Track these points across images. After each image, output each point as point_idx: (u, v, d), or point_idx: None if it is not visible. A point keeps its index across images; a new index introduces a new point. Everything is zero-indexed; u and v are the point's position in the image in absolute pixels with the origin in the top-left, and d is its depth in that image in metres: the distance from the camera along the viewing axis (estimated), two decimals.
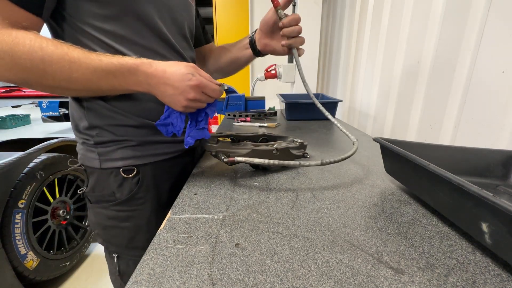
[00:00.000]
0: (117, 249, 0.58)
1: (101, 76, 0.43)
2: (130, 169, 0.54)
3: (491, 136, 0.63)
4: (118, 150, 0.53)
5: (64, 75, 0.41)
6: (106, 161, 0.53)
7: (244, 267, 0.32)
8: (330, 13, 1.86)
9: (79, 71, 0.41)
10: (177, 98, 0.45)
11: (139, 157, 0.54)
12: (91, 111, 0.51)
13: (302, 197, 0.49)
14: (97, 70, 0.42)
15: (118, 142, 0.53)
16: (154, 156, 0.56)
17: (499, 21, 0.61)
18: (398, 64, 0.99)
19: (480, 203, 0.32)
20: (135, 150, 0.54)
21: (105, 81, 0.43)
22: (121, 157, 0.53)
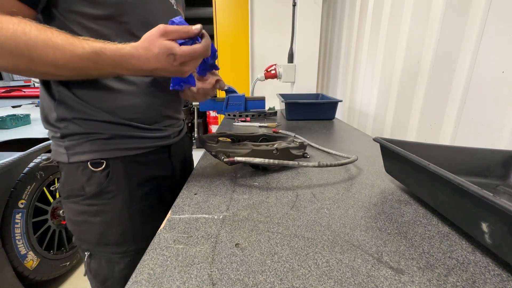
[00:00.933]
0: (88, 246, 0.57)
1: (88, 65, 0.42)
2: (98, 162, 0.52)
3: (491, 136, 0.63)
4: (86, 142, 0.51)
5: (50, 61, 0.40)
6: (73, 154, 0.51)
7: (244, 267, 0.32)
8: (330, 13, 1.86)
9: (64, 58, 0.40)
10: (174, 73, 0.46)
11: (109, 151, 0.53)
12: (62, 103, 0.50)
13: (302, 197, 0.49)
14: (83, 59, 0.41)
15: (87, 135, 0.51)
16: (125, 150, 0.54)
17: (499, 21, 0.61)
18: (398, 64, 0.99)
19: (480, 203, 0.32)
20: (105, 143, 0.52)
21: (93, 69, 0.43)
22: (89, 150, 0.51)
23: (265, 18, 2.15)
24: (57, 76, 0.44)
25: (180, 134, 0.68)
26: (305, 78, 1.56)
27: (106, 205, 0.54)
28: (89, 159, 0.51)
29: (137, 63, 0.43)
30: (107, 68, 0.43)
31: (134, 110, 0.54)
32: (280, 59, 1.72)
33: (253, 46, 2.20)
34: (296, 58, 1.55)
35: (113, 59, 0.42)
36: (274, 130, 0.96)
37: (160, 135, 0.59)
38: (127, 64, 0.43)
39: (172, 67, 0.44)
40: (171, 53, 0.42)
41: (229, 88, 1.22)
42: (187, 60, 0.44)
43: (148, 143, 0.57)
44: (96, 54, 0.41)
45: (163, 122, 0.60)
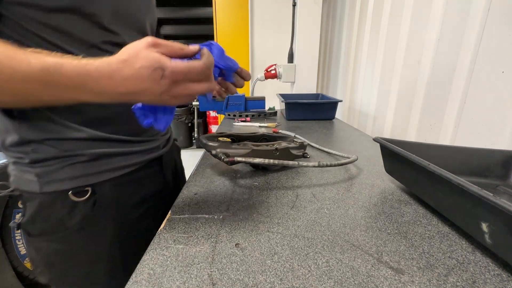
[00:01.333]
0: (69, 286, 0.48)
1: (35, 87, 0.30)
2: (82, 191, 0.43)
3: (491, 136, 0.63)
4: (64, 168, 0.42)
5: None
6: (48, 183, 0.41)
7: (244, 267, 0.32)
8: (330, 13, 1.86)
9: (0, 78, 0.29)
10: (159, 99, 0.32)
11: (94, 175, 0.44)
12: (25, 121, 0.40)
13: (302, 197, 0.49)
14: (27, 79, 0.29)
15: (64, 159, 0.42)
16: (112, 171, 0.46)
17: (499, 21, 0.61)
18: (398, 64, 0.99)
19: (480, 203, 0.32)
20: (88, 166, 0.43)
21: (44, 93, 0.31)
22: (68, 177, 0.42)
23: (265, 18, 2.15)
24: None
25: (169, 141, 0.60)
26: (305, 78, 1.56)
27: (93, 239, 0.46)
28: (70, 188, 0.42)
29: (108, 83, 0.30)
30: (64, 92, 0.31)
31: (117, 121, 0.46)
32: (280, 59, 1.72)
33: (253, 46, 2.20)
34: (296, 58, 1.55)
35: (72, 79, 0.30)
36: (274, 130, 0.96)
37: (149, 147, 0.52)
38: (93, 86, 0.30)
39: (158, 87, 0.31)
40: (158, 66, 0.30)
41: None
42: (179, 80, 0.31)
43: (137, 158, 0.49)
44: (48, 72, 0.29)
45: (150, 131, 0.52)
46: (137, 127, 0.45)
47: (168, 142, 0.59)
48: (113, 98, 0.32)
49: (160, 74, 0.30)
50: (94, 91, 0.31)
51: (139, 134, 0.50)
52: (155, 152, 0.53)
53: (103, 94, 0.31)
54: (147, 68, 0.30)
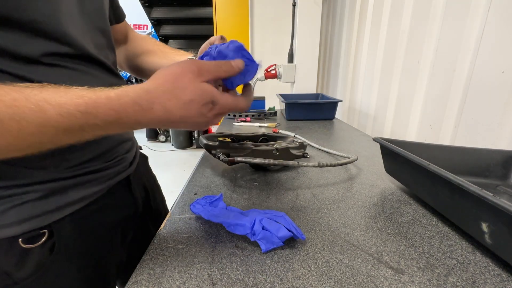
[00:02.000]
0: None
1: (62, 138, 0.26)
2: (36, 235, 0.34)
3: (491, 136, 0.63)
4: (10, 210, 0.33)
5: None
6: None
7: (244, 267, 0.32)
8: (330, 13, 1.86)
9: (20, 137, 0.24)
10: (197, 127, 0.32)
11: (50, 212, 0.35)
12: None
13: (302, 197, 0.49)
14: (58, 133, 0.26)
15: (9, 198, 0.33)
16: (72, 204, 0.37)
17: (499, 21, 0.61)
18: (398, 64, 0.99)
19: (480, 203, 0.32)
20: (43, 204, 0.34)
21: (71, 139, 0.27)
22: (16, 220, 0.33)
23: (265, 18, 2.15)
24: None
25: (136, 158, 0.51)
26: (305, 78, 1.56)
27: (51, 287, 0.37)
28: (19, 233, 0.33)
29: (146, 115, 0.27)
30: (90, 133, 0.27)
31: (80, 152, 0.37)
32: (280, 59, 1.72)
33: (253, 46, 2.20)
34: (296, 58, 1.55)
35: (105, 119, 0.26)
36: (274, 130, 0.96)
37: (115, 170, 0.43)
38: (128, 121, 0.27)
39: (203, 119, 0.30)
40: (209, 101, 0.30)
41: None
42: (225, 112, 0.33)
43: (102, 184, 0.41)
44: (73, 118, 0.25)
45: (117, 150, 0.44)
46: (101, 153, 0.40)
47: (135, 159, 0.50)
48: (145, 127, 0.30)
49: (209, 108, 0.30)
50: (126, 125, 0.28)
51: (104, 158, 0.41)
52: (123, 173, 0.45)
53: (136, 125, 0.28)
54: (198, 103, 0.29)
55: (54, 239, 0.36)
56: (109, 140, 0.41)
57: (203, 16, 3.04)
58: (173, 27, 3.35)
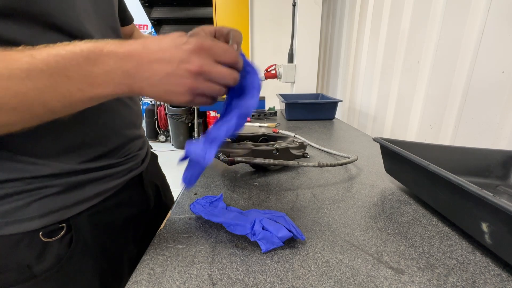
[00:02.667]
0: None
1: (42, 83, 0.25)
2: (55, 229, 0.36)
3: (491, 136, 0.63)
4: (31, 204, 0.34)
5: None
6: (10, 223, 0.34)
7: (244, 267, 0.32)
8: (330, 13, 1.86)
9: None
10: (174, 79, 0.28)
11: (69, 207, 0.37)
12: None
13: (302, 197, 0.49)
14: (33, 74, 0.25)
15: (30, 193, 0.34)
16: (89, 200, 0.39)
17: (499, 21, 0.61)
18: (398, 64, 0.99)
19: (480, 203, 0.32)
20: (61, 198, 0.36)
21: (53, 89, 0.26)
22: (37, 214, 0.34)
23: (265, 18, 2.15)
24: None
25: (147, 156, 0.53)
26: (305, 78, 1.56)
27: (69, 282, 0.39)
28: (40, 227, 0.35)
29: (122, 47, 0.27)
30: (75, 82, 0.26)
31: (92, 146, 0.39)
32: (280, 59, 1.72)
33: (253, 46, 2.20)
34: (296, 58, 1.55)
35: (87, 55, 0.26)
36: (274, 130, 0.96)
37: (129, 166, 0.45)
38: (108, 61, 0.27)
39: (179, 53, 0.28)
40: (183, 34, 0.29)
41: None
42: (202, 51, 0.28)
43: (117, 180, 0.43)
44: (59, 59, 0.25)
45: (129, 148, 0.45)
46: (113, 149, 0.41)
47: (147, 156, 0.52)
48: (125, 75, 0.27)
49: (185, 40, 0.28)
50: (107, 68, 0.27)
51: (116, 155, 0.42)
52: (135, 170, 0.47)
53: (117, 70, 0.27)
54: (173, 35, 0.28)
55: (72, 233, 0.37)
56: (120, 136, 0.43)
57: (203, 16, 3.04)
58: (173, 27, 3.35)
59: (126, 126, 0.45)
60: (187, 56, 0.28)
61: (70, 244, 0.37)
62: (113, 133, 0.41)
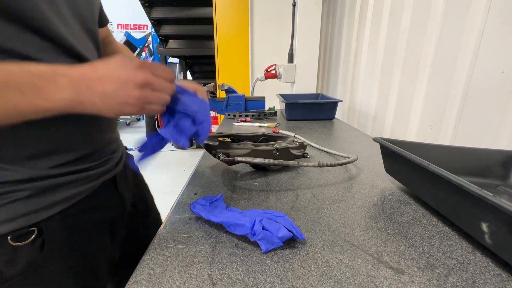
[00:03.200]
0: None
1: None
2: (25, 233, 0.36)
3: (491, 136, 0.63)
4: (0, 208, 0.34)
5: None
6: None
7: (244, 267, 0.32)
8: (330, 13, 1.86)
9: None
10: (123, 91, 0.31)
11: (39, 211, 0.36)
12: None
13: (302, 197, 0.49)
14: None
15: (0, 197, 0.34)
16: (61, 203, 0.38)
17: (499, 21, 0.61)
18: (398, 64, 0.99)
19: (480, 203, 0.32)
20: (32, 202, 0.36)
21: (4, 101, 0.28)
22: (6, 218, 0.34)
23: (265, 18, 2.15)
24: None
25: (122, 158, 0.52)
26: (305, 78, 1.56)
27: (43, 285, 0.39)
28: (8, 231, 0.34)
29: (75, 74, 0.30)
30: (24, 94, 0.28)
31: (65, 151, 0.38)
32: (280, 59, 1.72)
33: (253, 46, 2.20)
34: (296, 58, 1.55)
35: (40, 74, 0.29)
36: (274, 130, 0.96)
37: (101, 170, 0.44)
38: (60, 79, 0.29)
39: (125, 71, 0.32)
40: (131, 58, 0.33)
41: (229, 88, 1.22)
42: (145, 67, 0.33)
43: (89, 183, 0.42)
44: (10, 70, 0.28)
45: (103, 151, 0.45)
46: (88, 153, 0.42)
47: (121, 159, 0.52)
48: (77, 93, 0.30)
49: (128, 60, 0.33)
50: (60, 86, 0.30)
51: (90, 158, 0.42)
52: (109, 173, 0.46)
53: (70, 88, 0.30)
54: (120, 58, 0.33)
55: (43, 237, 0.37)
56: (92, 141, 0.43)
57: (203, 16, 3.04)
58: (173, 27, 3.34)
59: (99, 130, 0.45)
60: (133, 72, 0.32)
61: (42, 247, 0.37)
62: (84, 138, 0.41)
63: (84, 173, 0.41)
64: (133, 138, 0.74)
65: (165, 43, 3.50)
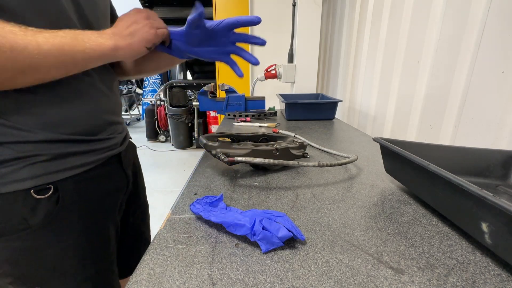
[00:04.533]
0: (34, 283, 0.47)
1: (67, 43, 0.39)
2: (44, 189, 0.44)
3: (491, 136, 0.63)
4: (24, 168, 0.42)
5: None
6: (7, 183, 0.42)
7: (244, 267, 0.32)
8: (330, 13, 1.86)
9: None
10: (140, 26, 0.46)
11: (55, 173, 0.45)
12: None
13: (302, 197, 0.49)
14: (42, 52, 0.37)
15: (23, 159, 0.42)
16: (73, 168, 0.47)
17: (499, 21, 0.61)
18: (398, 64, 0.99)
19: (480, 203, 0.32)
20: (48, 165, 0.44)
21: (74, 46, 0.40)
22: (29, 176, 0.43)
23: (265, 18, 2.15)
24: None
25: (126, 140, 0.61)
26: (305, 78, 1.56)
27: (59, 235, 0.47)
28: (31, 186, 0.43)
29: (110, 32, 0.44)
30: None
31: (75, 123, 0.47)
32: (280, 59, 1.72)
33: (253, 46, 2.20)
34: (296, 58, 1.55)
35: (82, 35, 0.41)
36: (274, 130, 0.96)
37: (108, 145, 0.52)
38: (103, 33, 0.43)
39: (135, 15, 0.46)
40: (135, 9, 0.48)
41: (229, 88, 1.22)
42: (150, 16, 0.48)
43: (97, 155, 0.50)
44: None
45: (108, 130, 0.53)
46: (95, 128, 0.50)
47: (125, 140, 0.61)
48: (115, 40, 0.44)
49: (136, 10, 0.48)
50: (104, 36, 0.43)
51: (97, 134, 0.50)
52: (114, 149, 0.54)
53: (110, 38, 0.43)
54: (130, 11, 0.48)
55: (58, 194, 0.45)
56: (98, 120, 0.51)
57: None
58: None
59: (104, 112, 0.52)
60: (139, 13, 0.47)
61: (57, 202, 0.45)
62: (91, 116, 0.49)
63: (93, 144, 0.49)
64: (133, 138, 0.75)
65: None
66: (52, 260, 0.47)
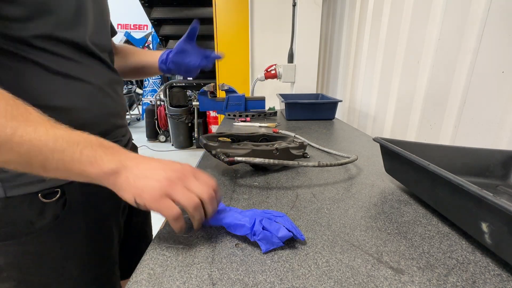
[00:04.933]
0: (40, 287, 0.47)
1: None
2: (51, 192, 0.44)
3: (491, 136, 0.63)
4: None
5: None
6: (14, 187, 0.42)
7: (244, 267, 0.32)
8: (330, 13, 1.86)
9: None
10: (159, 171, 0.34)
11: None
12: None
13: (302, 197, 0.49)
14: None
15: None
16: None
17: (499, 21, 0.61)
18: (398, 64, 0.99)
19: (480, 203, 0.32)
20: None
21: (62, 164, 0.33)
22: (37, 179, 0.42)
23: (265, 18, 2.15)
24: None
25: (129, 142, 0.62)
26: (305, 78, 1.56)
27: (64, 238, 0.47)
28: (39, 190, 0.43)
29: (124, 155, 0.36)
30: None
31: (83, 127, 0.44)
32: (280, 59, 1.72)
33: (253, 46, 2.20)
34: (296, 58, 1.55)
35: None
36: (274, 130, 0.96)
37: None
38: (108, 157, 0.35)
39: (169, 169, 0.34)
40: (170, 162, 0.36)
41: (229, 88, 1.22)
42: (188, 174, 0.35)
43: None
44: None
45: (114, 133, 0.54)
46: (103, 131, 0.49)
47: (129, 143, 0.61)
48: (118, 166, 0.35)
49: (180, 167, 0.35)
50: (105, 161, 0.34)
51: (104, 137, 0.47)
52: None
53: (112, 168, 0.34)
54: (162, 162, 0.36)
55: (65, 197, 0.45)
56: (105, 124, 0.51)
57: (203, 16, 3.04)
58: (173, 27, 3.35)
59: (111, 115, 0.52)
60: (179, 173, 0.35)
61: (64, 206, 0.45)
62: (99, 120, 0.49)
63: None
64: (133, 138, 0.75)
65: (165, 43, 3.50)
66: (56, 264, 0.47)
